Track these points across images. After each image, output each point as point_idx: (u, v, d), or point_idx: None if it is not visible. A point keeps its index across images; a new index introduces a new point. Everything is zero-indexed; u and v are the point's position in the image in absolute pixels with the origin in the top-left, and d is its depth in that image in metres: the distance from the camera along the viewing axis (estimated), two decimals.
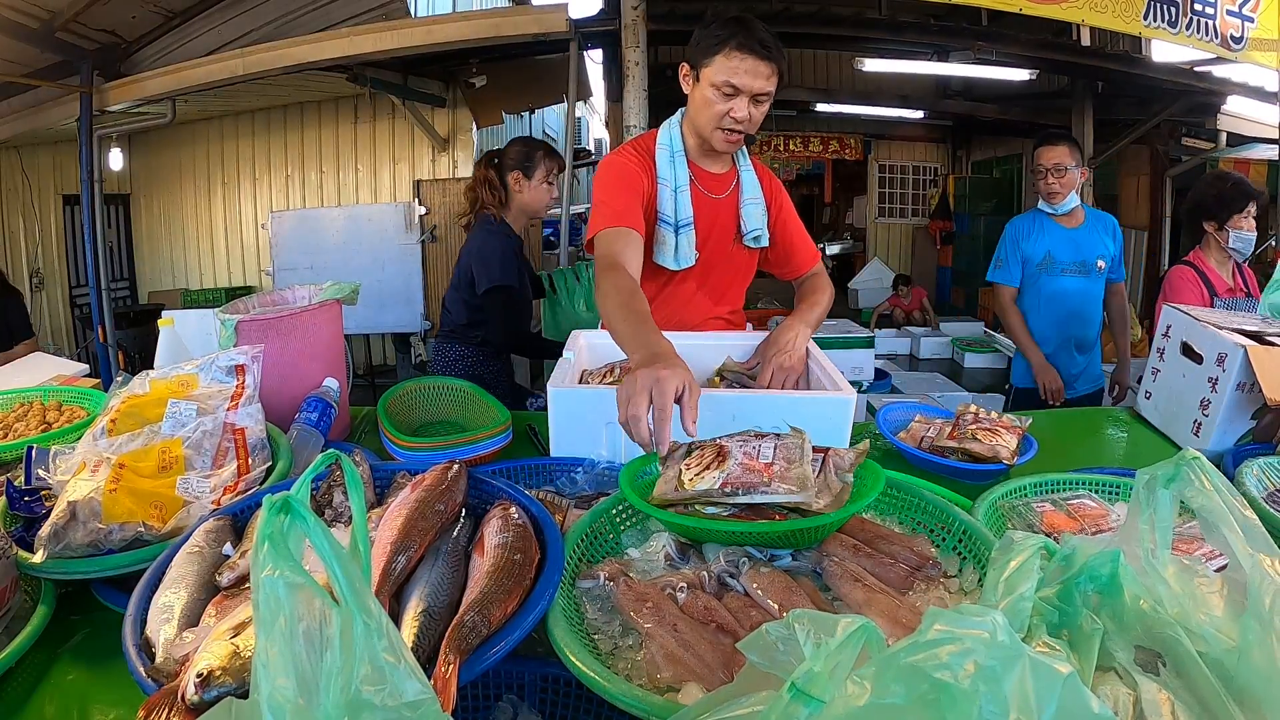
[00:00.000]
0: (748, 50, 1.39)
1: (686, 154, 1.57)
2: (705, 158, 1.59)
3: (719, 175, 1.61)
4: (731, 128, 1.46)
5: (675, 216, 1.53)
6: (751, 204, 1.61)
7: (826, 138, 9.35)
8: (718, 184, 1.60)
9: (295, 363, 1.33)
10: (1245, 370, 1.29)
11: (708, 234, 1.59)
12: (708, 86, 1.44)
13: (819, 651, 0.42)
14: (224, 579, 0.72)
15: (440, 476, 0.81)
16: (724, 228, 1.62)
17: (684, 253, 1.55)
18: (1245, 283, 2.52)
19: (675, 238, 1.54)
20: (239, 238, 6.80)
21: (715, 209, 1.60)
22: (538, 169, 2.26)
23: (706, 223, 1.58)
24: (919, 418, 1.42)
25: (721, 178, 1.61)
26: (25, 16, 4.20)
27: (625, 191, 1.49)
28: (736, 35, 1.39)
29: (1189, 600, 0.58)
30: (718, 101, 1.44)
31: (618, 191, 1.49)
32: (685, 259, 1.56)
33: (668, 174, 1.54)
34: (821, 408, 1.19)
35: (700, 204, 1.57)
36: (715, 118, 1.46)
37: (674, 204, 1.53)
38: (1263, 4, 4.23)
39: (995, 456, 1.22)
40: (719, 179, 1.61)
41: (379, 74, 5.36)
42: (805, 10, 5.43)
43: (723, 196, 1.61)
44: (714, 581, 0.76)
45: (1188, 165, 6.19)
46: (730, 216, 1.62)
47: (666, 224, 1.54)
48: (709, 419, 0.98)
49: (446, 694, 0.53)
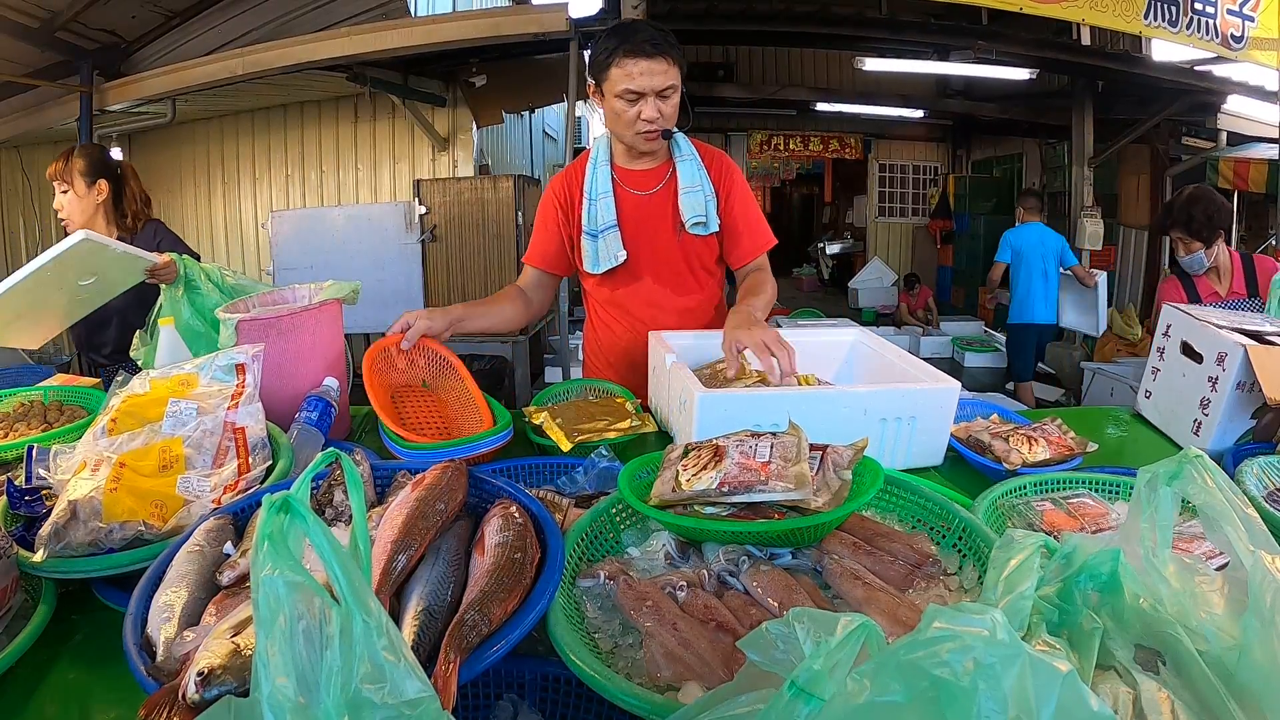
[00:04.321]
0: (636, 54, 1.46)
1: (613, 160, 1.67)
2: (635, 159, 1.67)
3: (647, 173, 1.68)
4: (647, 129, 1.54)
5: (596, 224, 1.65)
6: (690, 193, 1.64)
7: (826, 137, 9.35)
8: (646, 181, 1.68)
9: (295, 362, 1.33)
10: (1245, 369, 1.29)
11: (638, 230, 1.66)
12: (613, 98, 1.52)
13: (819, 649, 0.42)
14: (224, 578, 0.72)
15: (440, 476, 0.81)
16: (659, 220, 1.67)
17: (605, 255, 1.65)
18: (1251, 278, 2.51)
19: (594, 243, 1.65)
20: (239, 237, 6.80)
21: (645, 205, 1.67)
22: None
23: (635, 220, 1.66)
24: (994, 416, 1.44)
25: (650, 174, 1.68)
26: (25, 16, 4.21)
27: (541, 230, 1.72)
28: (623, 43, 1.47)
29: (1189, 599, 0.57)
30: (626, 109, 1.52)
31: (538, 230, 1.74)
32: (607, 260, 1.65)
33: (590, 186, 1.66)
34: (931, 398, 1.26)
35: (626, 203, 1.66)
36: (629, 123, 1.54)
37: (594, 212, 1.64)
38: (1263, 3, 4.23)
39: (1003, 459, 1.22)
40: (647, 176, 1.68)
41: (379, 74, 5.36)
42: (805, 10, 5.43)
43: (653, 192, 1.67)
44: (714, 580, 0.76)
45: (1188, 165, 6.18)
46: (667, 208, 1.67)
47: (588, 234, 1.66)
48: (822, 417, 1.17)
49: (447, 692, 0.53)
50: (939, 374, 1.32)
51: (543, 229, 1.72)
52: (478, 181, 5.33)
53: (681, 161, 1.66)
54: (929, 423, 1.27)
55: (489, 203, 5.18)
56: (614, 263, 1.66)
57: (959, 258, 9.36)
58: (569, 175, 1.71)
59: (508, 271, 5.19)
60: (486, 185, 5.24)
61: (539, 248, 1.74)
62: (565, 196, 1.69)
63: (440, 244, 5.28)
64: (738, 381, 1.39)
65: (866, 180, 9.98)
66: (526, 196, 5.26)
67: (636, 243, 1.66)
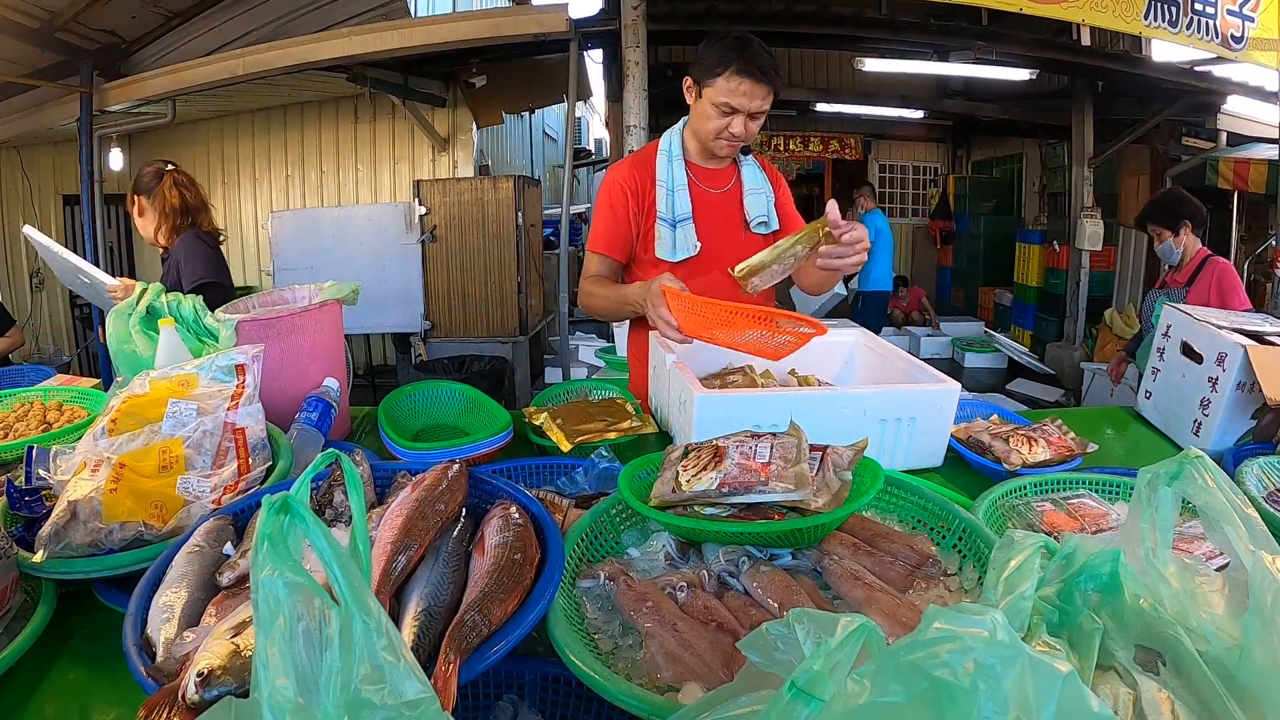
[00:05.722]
0: (747, 75, 1.51)
1: (686, 156, 1.71)
2: (705, 159, 1.73)
3: (718, 172, 1.74)
4: (731, 141, 1.61)
5: (673, 213, 1.67)
6: (754, 194, 1.74)
7: (826, 137, 9.35)
8: (717, 180, 1.74)
9: (295, 363, 1.33)
10: (1245, 370, 1.29)
11: (710, 225, 1.70)
12: (709, 104, 1.57)
13: (819, 650, 0.42)
14: (224, 578, 0.72)
15: (440, 476, 0.81)
16: (728, 219, 1.73)
17: (682, 244, 1.67)
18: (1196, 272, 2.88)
19: (673, 232, 1.67)
20: (239, 238, 6.80)
21: (716, 203, 1.72)
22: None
23: (707, 215, 1.70)
24: (994, 417, 1.45)
25: (720, 174, 1.74)
26: (25, 16, 4.21)
27: (610, 217, 1.69)
28: (738, 60, 1.50)
29: (1189, 599, 0.57)
30: (717, 118, 1.57)
31: (604, 216, 1.70)
32: (685, 249, 1.68)
33: (665, 176, 1.68)
34: (931, 399, 1.27)
35: (700, 199, 1.70)
36: (715, 131, 1.59)
37: (670, 203, 1.67)
38: (1263, 4, 4.23)
39: (1003, 460, 1.22)
40: (718, 175, 1.74)
41: (379, 74, 5.36)
42: (805, 10, 5.43)
43: (723, 191, 1.74)
44: (714, 581, 0.76)
45: (1188, 165, 6.18)
46: (734, 208, 1.74)
47: (664, 221, 1.68)
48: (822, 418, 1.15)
49: (446, 693, 0.53)
50: (939, 375, 1.33)
51: (611, 215, 1.69)
52: (478, 182, 5.33)
53: (745, 166, 1.76)
54: (929, 423, 1.27)
55: (489, 203, 5.18)
56: (691, 252, 1.68)
57: (959, 258, 9.36)
58: (637, 163, 1.71)
59: (507, 272, 5.18)
60: (486, 186, 5.23)
61: (617, 234, 1.69)
62: (635, 183, 1.68)
63: (440, 244, 5.27)
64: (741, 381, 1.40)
65: (867, 180, 9.97)
66: (526, 197, 5.26)
67: (707, 238, 1.69)
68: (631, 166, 1.71)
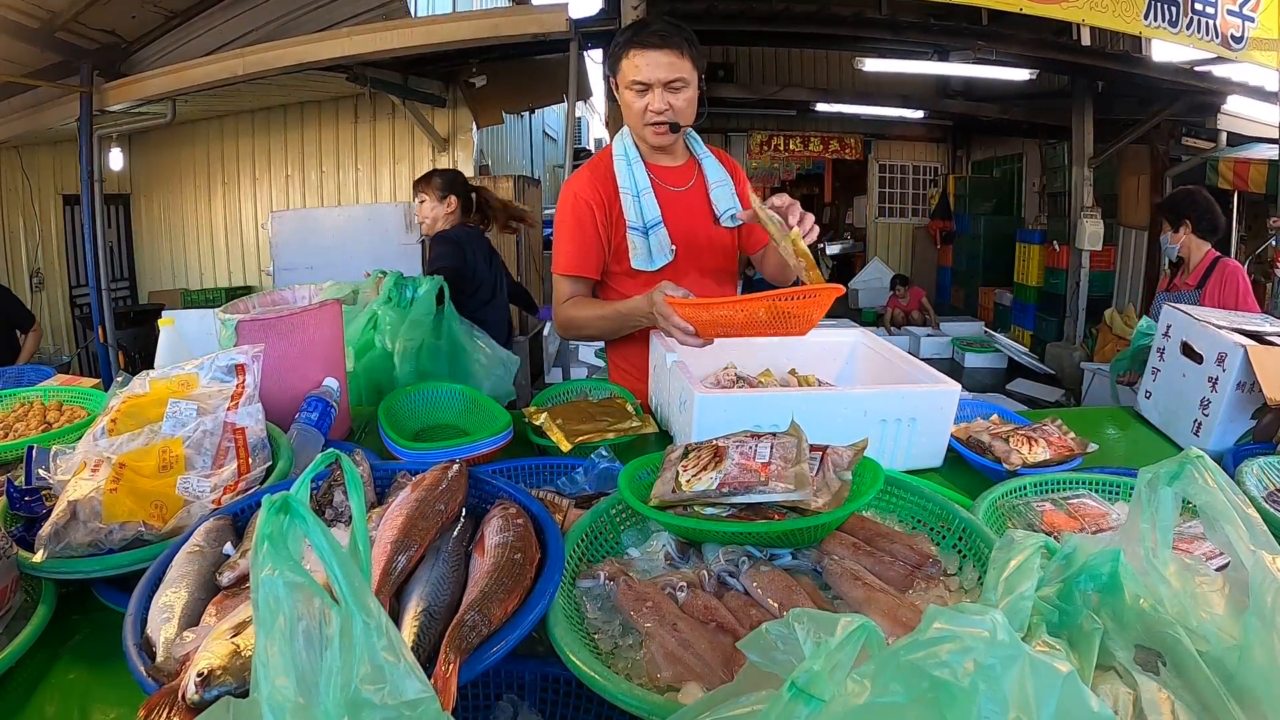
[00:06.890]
0: (643, 45, 1.49)
1: (643, 158, 1.65)
2: (660, 156, 1.67)
3: (679, 169, 1.69)
4: (654, 121, 1.55)
5: (643, 220, 1.61)
6: (719, 187, 1.69)
7: (826, 137, 9.36)
8: (679, 177, 1.69)
9: (295, 363, 1.33)
10: (1245, 370, 1.29)
11: (680, 225, 1.65)
12: (624, 90, 1.55)
13: (819, 650, 0.42)
14: (224, 578, 0.72)
15: (440, 476, 0.81)
16: (697, 215, 1.68)
17: (658, 251, 1.62)
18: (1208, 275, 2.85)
19: (646, 240, 1.62)
20: (239, 237, 6.81)
21: (683, 200, 1.68)
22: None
23: (676, 215, 1.65)
24: (994, 417, 1.44)
25: (681, 170, 1.69)
26: (25, 16, 4.21)
27: (579, 234, 1.61)
28: (632, 39, 1.50)
29: (1189, 599, 0.57)
30: (635, 101, 1.54)
31: (573, 235, 1.62)
32: (661, 257, 1.63)
33: (628, 183, 1.62)
34: (931, 400, 1.27)
35: (666, 200, 1.65)
36: (639, 116, 1.56)
37: (639, 209, 1.61)
38: (1263, 4, 4.23)
39: (1003, 460, 1.22)
40: (679, 171, 1.69)
41: (379, 74, 5.36)
42: (805, 10, 5.43)
43: (687, 187, 1.69)
44: (714, 581, 0.76)
45: (1188, 165, 6.18)
46: (701, 202, 1.69)
47: (635, 229, 1.61)
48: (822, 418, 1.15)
49: (446, 693, 0.53)
50: (939, 375, 1.32)
51: (579, 233, 1.60)
52: (478, 182, 5.33)
53: (704, 158, 1.71)
54: (929, 424, 1.27)
55: None
56: (668, 258, 1.62)
57: (959, 258, 9.36)
58: (594, 174, 1.63)
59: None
60: (486, 186, 5.23)
61: (588, 252, 1.61)
62: (599, 195, 1.60)
63: None
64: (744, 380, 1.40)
65: (866, 181, 9.98)
66: (526, 197, 5.26)
67: (679, 238, 1.65)
68: (591, 178, 1.62)
